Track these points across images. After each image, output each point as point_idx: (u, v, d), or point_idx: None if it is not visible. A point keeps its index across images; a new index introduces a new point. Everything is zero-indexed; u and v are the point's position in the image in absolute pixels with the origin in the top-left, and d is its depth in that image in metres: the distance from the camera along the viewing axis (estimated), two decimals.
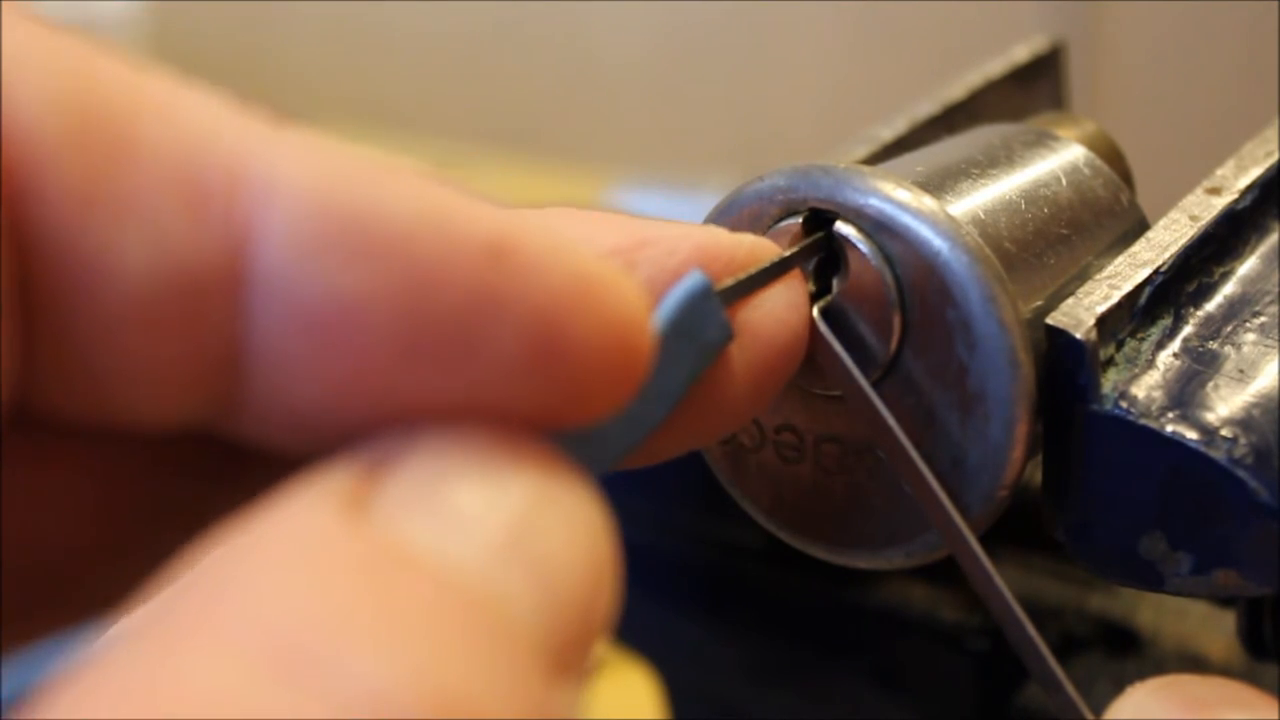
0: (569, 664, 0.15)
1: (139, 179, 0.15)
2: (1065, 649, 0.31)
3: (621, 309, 0.17)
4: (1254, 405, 0.22)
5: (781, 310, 0.21)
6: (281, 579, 0.14)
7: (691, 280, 0.20)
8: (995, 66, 0.32)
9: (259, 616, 0.13)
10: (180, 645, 0.13)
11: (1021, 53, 0.33)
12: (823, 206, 0.23)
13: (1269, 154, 0.27)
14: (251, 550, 0.14)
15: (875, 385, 0.22)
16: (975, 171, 0.25)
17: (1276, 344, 0.23)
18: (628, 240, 0.21)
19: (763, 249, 0.22)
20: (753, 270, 0.21)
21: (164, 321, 0.15)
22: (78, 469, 0.18)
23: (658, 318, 0.19)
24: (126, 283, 0.15)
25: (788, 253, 0.22)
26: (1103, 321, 0.22)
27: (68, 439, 0.17)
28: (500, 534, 0.15)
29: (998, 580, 0.22)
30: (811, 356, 0.23)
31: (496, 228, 0.16)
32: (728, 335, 0.20)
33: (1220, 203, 0.25)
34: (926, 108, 0.30)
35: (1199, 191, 0.26)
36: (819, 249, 0.23)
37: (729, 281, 0.21)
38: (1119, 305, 0.23)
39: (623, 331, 0.17)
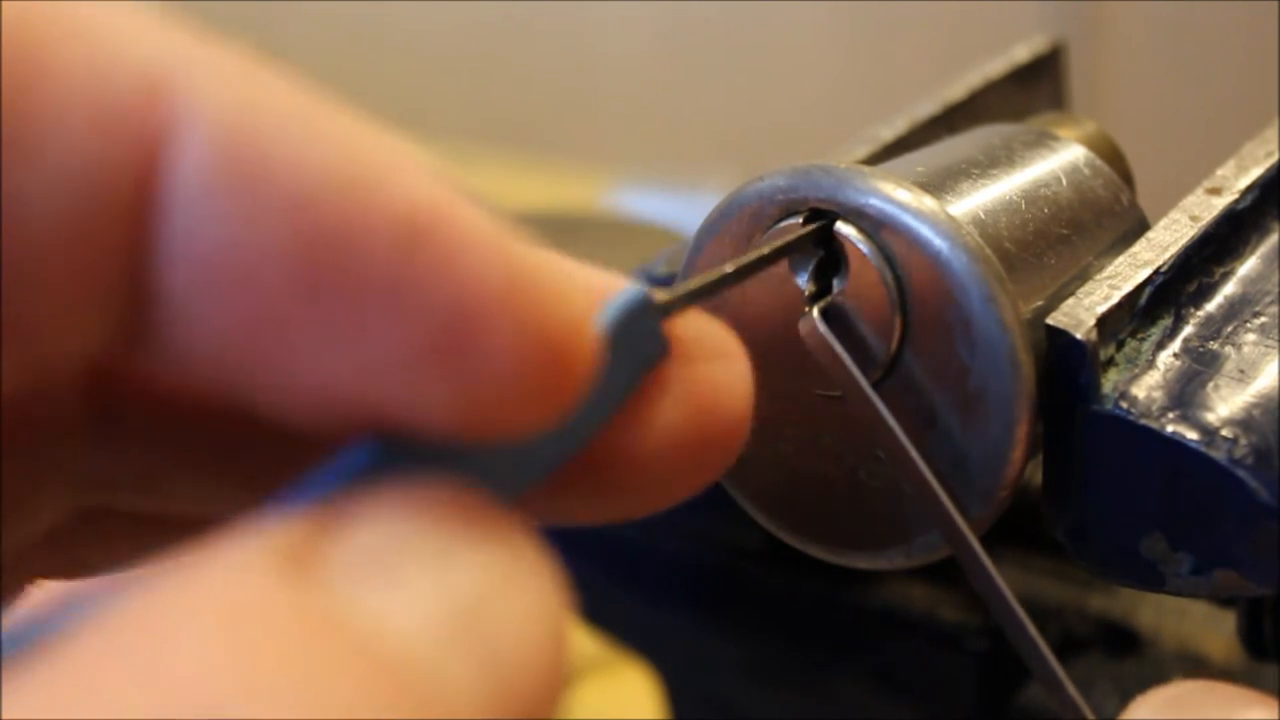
0: None
1: (47, 105, 0.14)
2: (1065, 649, 0.31)
3: (554, 317, 0.15)
4: (1254, 405, 0.22)
5: (727, 387, 0.20)
6: (207, 641, 0.13)
7: (630, 293, 0.18)
8: (995, 66, 0.32)
9: (176, 680, 0.12)
10: (89, 705, 0.12)
11: (1021, 53, 0.33)
12: (823, 206, 0.23)
13: (1269, 154, 0.27)
14: (180, 604, 0.13)
15: (875, 385, 0.22)
16: (975, 171, 0.25)
17: (1277, 344, 0.23)
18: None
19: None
20: (709, 277, 0.20)
21: (69, 245, 0.14)
22: None
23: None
24: (30, 211, 0.14)
25: (749, 257, 0.21)
26: (1103, 322, 0.22)
27: None
28: (451, 614, 0.14)
29: (999, 580, 0.22)
30: (812, 356, 0.23)
31: (423, 203, 0.15)
32: (664, 350, 0.19)
33: (1220, 203, 0.25)
34: (926, 108, 0.30)
35: (1199, 191, 0.26)
36: (788, 250, 0.22)
37: (678, 291, 0.20)
38: (1119, 305, 0.23)
39: (553, 342, 0.15)
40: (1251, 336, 0.23)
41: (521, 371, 0.15)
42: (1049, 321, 0.22)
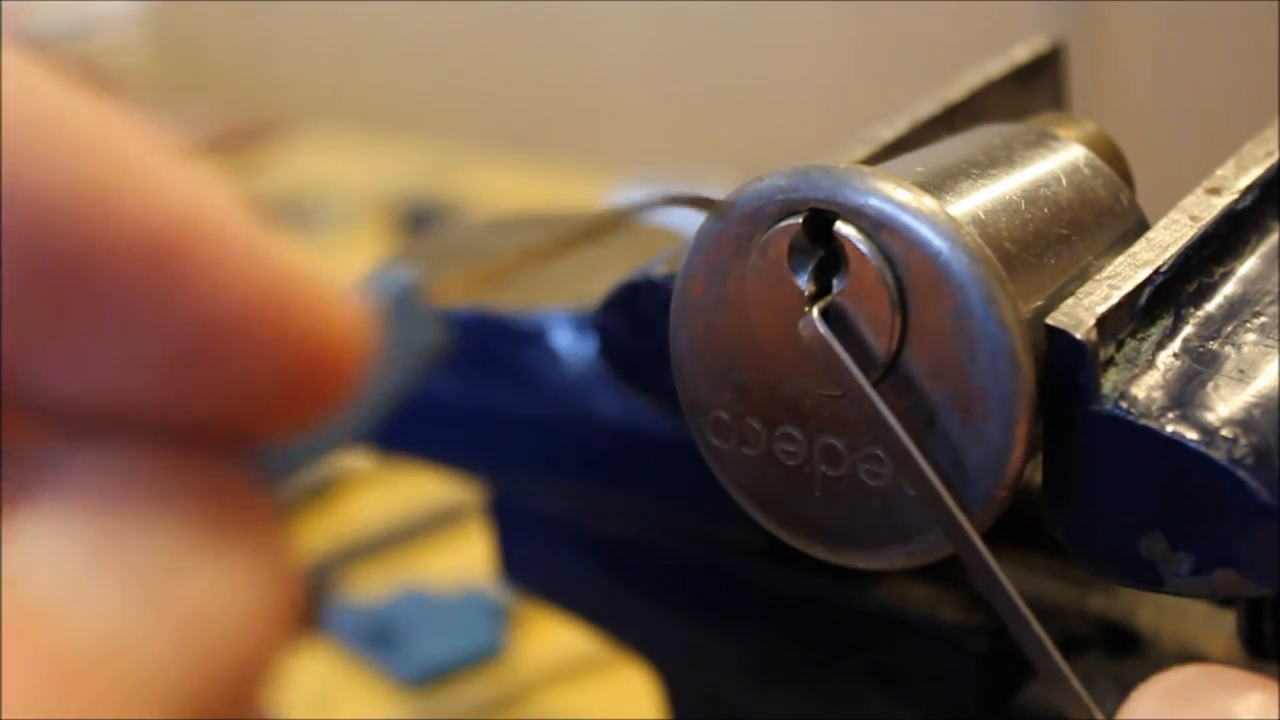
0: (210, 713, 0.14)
1: None
2: (1065, 649, 0.31)
3: (317, 324, 0.15)
4: (1254, 405, 0.22)
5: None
6: None
7: (393, 277, 0.18)
8: (995, 66, 0.32)
9: None
10: None
11: (1021, 53, 0.33)
12: (823, 206, 0.23)
13: (1269, 154, 0.27)
14: None
15: (875, 385, 0.22)
16: (975, 171, 0.25)
17: (1277, 344, 0.23)
18: None
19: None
20: (490, 263, 0.19)
21: None
22: None
23: None
24: None
25: (536, 245, 0.20)
26: (1103, 322, 0.22)
27: None
28: (123, 584, 0.14)
29: (1002, 579, 0.22)
30: (811, 356, 0.23)
31: (170, 218, 0.14)
32: (441, 340, 0.18)
33: (1220, 203, 0.25)
34: (926, 108, 0.30)
35: (1199, 191, 0.26)
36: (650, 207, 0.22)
37: (459, 276, 0.19)
38: (1119, 305, 0.23)
39: (317, 350, 0.15)
40: (1251, 336, 0.23)
41: (284, 380, 0.15)
42: (1049, 321, 0.22)
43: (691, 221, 0.25)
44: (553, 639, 0.61)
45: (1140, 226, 0.27)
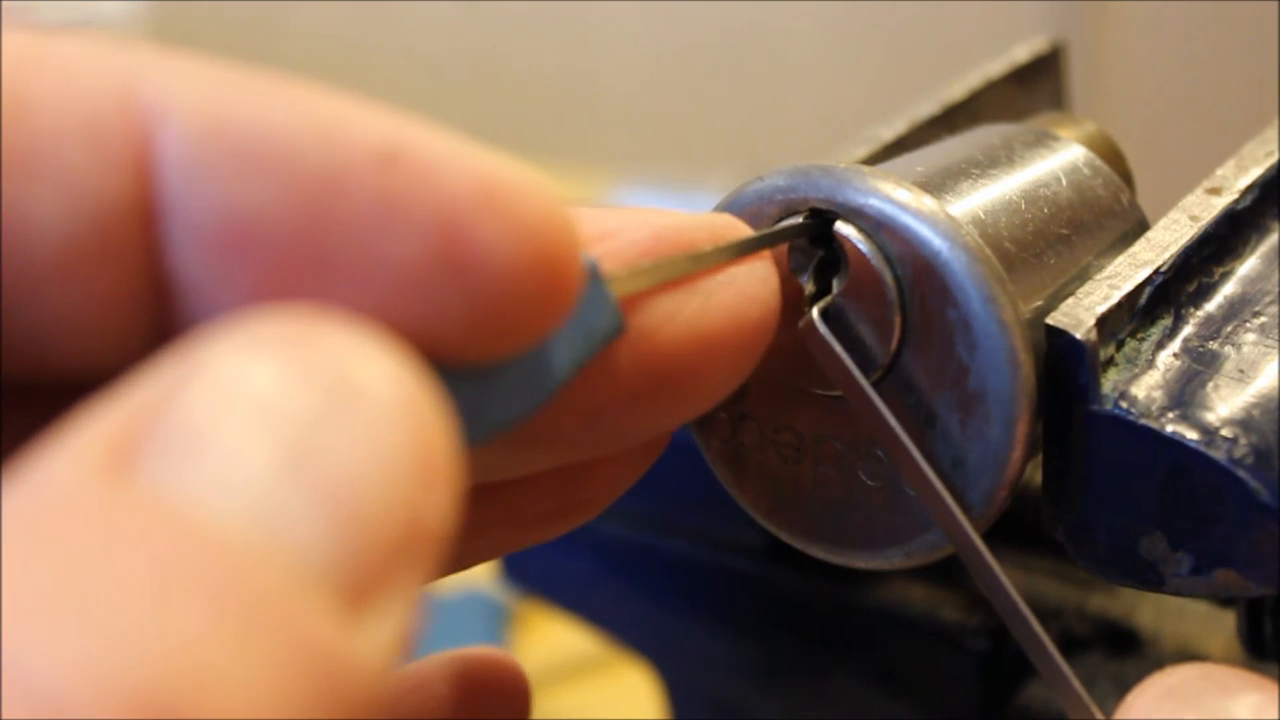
0: (374, 590, 0.13)
1: (39, 130, 0.15)
2: (1065, 649, 0.31)
3: (534, 212, 0.16)
4: (1254, 405, 0.22)
5: (749, 285, 0.21)
6: (14, 553, 0.12)
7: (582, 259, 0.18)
8: (995, 66, 0.32)
9: None
10: None
11: (1021, 53, 0.33)
12: (823, 206, 0.23)
13: (1269, 154, 0.27)
14: None
15: (875, 385, 0.22)
16: (975, 171, 0.25)
17: (1276, 344, 0.23)
18: (585, 234, 0.20)
19: (725, 228, 0.21)
20: (679, 257, 0.20)
21: (87, 262, 0.15)
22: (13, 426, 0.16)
23: None
24: (48, 233, 0.15)
25: (761, 233, 0.22)
26: (1103, 321, 0.22)
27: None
28: (268, 466, 0.13)
29: (1003, 579, 0.22)
30: (811, 356, 0.23)
31: (388, 133, 0.16)
32: (617, 326, 0.19)
33: (1220, 203, 0.25)
34: (926, 108, 0.30)
35: (1199, 191, 0.26)
36: (799, 232, 0.23)
37: (639, 268, 0.20)
38: (1119, 305, 0.23)
39: (538, 238, 0.16)
40: (1251, 336, 0.23)
41: (517, 265, 0.16)
42: (1049, 321, 0.22)
43: None
44: (553, 639, 0.61)
45: (1140, 226, 0.27)
